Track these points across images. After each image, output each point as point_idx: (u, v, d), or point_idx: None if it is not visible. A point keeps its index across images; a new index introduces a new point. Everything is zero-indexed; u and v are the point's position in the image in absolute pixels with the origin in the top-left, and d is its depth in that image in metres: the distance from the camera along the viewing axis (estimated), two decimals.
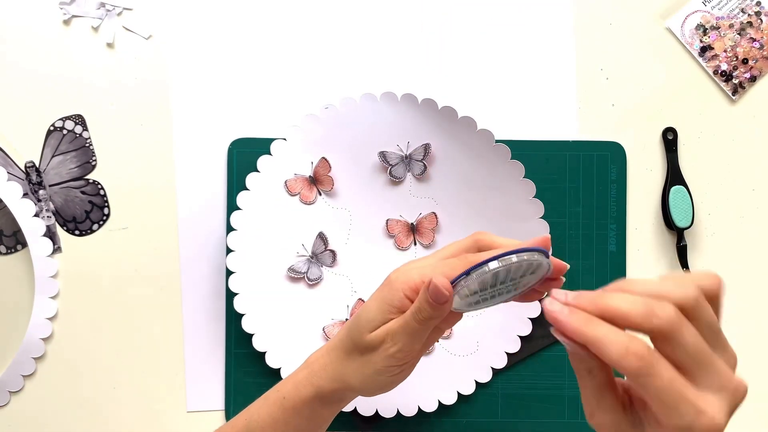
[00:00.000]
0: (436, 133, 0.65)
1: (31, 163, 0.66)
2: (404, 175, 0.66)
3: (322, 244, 0.66)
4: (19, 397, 0.66)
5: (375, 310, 0.47)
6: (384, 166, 0.66)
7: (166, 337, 0.67)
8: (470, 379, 0.65)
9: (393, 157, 0.66)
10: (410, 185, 0.67)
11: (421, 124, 0.65)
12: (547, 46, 0.68)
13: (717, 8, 0.68)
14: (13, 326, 0.66)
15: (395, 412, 0.64)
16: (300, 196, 0.66)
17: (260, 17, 0.67)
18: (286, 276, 0.66)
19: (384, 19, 0.68)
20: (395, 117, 0.65)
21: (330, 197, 0.67)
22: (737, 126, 0.68)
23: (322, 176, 0.66)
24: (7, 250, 0.67)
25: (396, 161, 0.66)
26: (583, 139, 0.67)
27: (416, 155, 0.66)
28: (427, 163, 0.66)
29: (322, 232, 0.66)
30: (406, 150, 0.66)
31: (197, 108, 0.67)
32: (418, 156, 0.66)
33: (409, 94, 0.64)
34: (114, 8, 0.67)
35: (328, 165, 0.66)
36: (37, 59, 0.66)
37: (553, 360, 0.66)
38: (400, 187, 0.67)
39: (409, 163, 0.66)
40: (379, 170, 0.67)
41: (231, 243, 0.64)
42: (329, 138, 0.65)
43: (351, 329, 0.49)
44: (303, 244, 0.66)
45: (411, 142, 0.66)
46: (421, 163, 0.66)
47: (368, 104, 0.64)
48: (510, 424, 0.66)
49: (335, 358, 0.50)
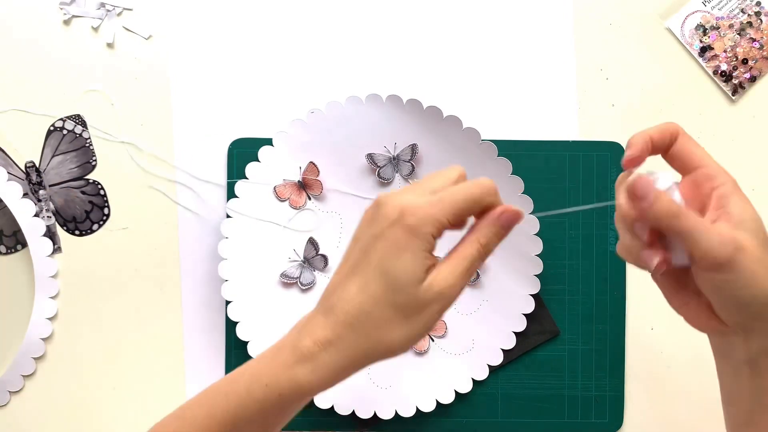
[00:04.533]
0: (423, 133, 0.65)
1: (31, 163, 0.67)
2: (393, 176, 0.67)
3: (313, 249, 0.66)
4: (19, 397, 0.66)
5: (409, 259, 0.42)
6: (372, 168, 0.66)
7: (166, 337, 0.67)
8: (467, 377, 0.65)
9: (381, 158, 0.66)
10: (399, 186, 0.67)
11: (408, 124, 0.65)
12: (547, 46, 0.68)
13: (717, 8, 0.67)
14: (13, 326, 0.66)
15: (393, 413, 0.64)
16: (289, 201, 0.66)
17: (260, 16, 0.67)
18: (278, 282, 0.66)
19: (384, 20, 0.68)
20: (381, 118, 0.65)
21: (320, 201, 0.67)
22: (737, 126, 0.67)
23: (311, 181, 0.66)
24: (7, 250, 0.67)
25: (384, 163, 0.66)
26: (583, 139, 0.67)
27: (404, 156, 0.66)
28: (414, 163, 0.66)
29: (312, 237, 0.66)
30: (393, 151, 0.66)
31: (197, 108, 0.67)
32: (405, 157, 0.66)
33: (395, 95, 0.64)
34: (114, 8, 0.67)
35: (317, 169, 0.66)
36: (37, 59, 0.67)
37: (553, 360, 0.66)
38: (389, 188, 0.67)
39: (397, 164, 0.66)
40: (368, 172, 0.67)
41: (222, 251, 0.64)
42: (316, 142, 0.66)
43: (386, 292, 0.42)
44: (294, 249, 0.66)
45: (398, 143, 0.66)
46: (408, 163, 0.66)
47: (354, 107, 0.65)
48: (510, 424, 0.66)
49: (355, 335, 0.43)
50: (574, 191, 0.67)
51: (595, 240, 0.67)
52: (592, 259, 0.67)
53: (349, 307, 0.43)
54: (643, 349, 0.67)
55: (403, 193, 0.44)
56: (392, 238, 0.42)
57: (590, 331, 0.67)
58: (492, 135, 0.67)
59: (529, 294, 0.65)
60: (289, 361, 0.44)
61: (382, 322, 0.43)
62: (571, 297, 0.66)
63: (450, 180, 0.45)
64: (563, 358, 0.66)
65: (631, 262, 0.45)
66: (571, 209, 0.50)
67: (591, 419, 0.66)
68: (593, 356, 0.66)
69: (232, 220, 0.65)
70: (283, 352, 0.45)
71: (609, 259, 0.67)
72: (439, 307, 0.43)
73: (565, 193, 0.67)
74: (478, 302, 0.66)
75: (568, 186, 0.67)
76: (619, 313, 0.66)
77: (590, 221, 0.67)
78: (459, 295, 0.44)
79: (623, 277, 0.67)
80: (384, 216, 0.43)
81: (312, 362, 0.44)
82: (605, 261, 0.67)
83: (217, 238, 0.66)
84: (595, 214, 0.67)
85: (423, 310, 0.43)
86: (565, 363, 0.66)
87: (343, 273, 0.45)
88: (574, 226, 0.67)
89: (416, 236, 0.42)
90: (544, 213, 0.50)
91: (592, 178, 0.67)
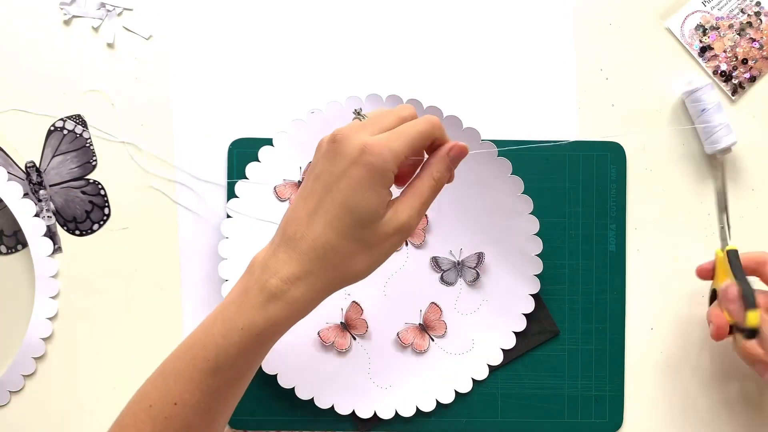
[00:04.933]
0: None
1: (31, 163, 0.67)
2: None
3: None
4: (19, 397, 0.66)
5: (373, 196, 0.45)
6: None
7: (166, 337, 0.67)
8: (467, 377, 0.65)
9: None
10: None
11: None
12: (547, 47, 0.68)
13: (717, 8, 0.68)
14: (13, 326, 0.66)
15: (393, 413, 0.64)
16: (290, 201, 0.66)
17: (260, 15, 0.67)
18: None
19: (384, 20, 0.68)
20: None
21: None
22: (737, 126, 0.67)
23: None
24: (8, 250, 0.67)
25: None
26: (583, 140, 0.67)
27: None
28: None
29: None
30: None
31: (197, 108, 0.67)
32: None
33: (395, 95, 0.64)
34: (114, 8, 0.67)
35: None
36: (37, 59, 0.67)
37: (553, 360, 0.66)
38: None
39: None
40: None
41: (222, 251, 0.64)
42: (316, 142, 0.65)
43: (352, 228, 0.45)
44: None
45: None
46: None
47: (353, 107, 0.65)
48: (510, 424, 0.66)
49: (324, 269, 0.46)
50: (574, 191, 0.67)
51: (595, 240, 0.67)
52: (592, 259, 0.67)
53: (316, 244, 0.46)
54: (643, 349, 0.67)
55: (359, 130, 0.46)
56: (355, 176, 0.45)
57: (590, 331, 0.67)
58: (492, 135, 0.67)
59: (529, 294, 0.65)
60: (259, 301, 0.46)
61: (348, 254, 0.46)
62: (571, 297, 0.66)
63: (402, 118, 0.48)
64: (563, 357, 0.66)
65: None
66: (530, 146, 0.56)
67: (591, 419, 0.66)
68: (593, 356, 0.66)
69: (232, 220, 0.65)
70: (251, 293, 0.47)
71: (609, 259, 0.67)
72: (399, 238, 0.47)
73: (565, 193, 0.67)
74: (478, 302, 0.66)
75: (568, 186, 0.67)
76: (619, 313, 0.67)
77: (590, 221, 0.67)
78: (417, 226, 0.48)
79: (623, 277, 0.67)
80: (345, 154, 0.45)
81: (282, 299, 0.46)
82: (605, 261, 0.67)
83: (217, 238, 0.66)
84: (595, 214, 0.67)
85: (385, 242, 0.47)
86: (565, 363, 0.66)
87: (305, 209, 0.47)
88: (574, 226, 0.67)
89: (378, 174, 0.45)
90: (507, 149, 0.60)
91: (592, 178, 0.67)
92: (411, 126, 0.47)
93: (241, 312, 0.47)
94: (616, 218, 0.67)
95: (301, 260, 0.46)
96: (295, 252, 0.46)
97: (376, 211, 0.46)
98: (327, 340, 0.65)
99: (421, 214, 0.48)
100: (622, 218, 0.67)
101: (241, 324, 0.46)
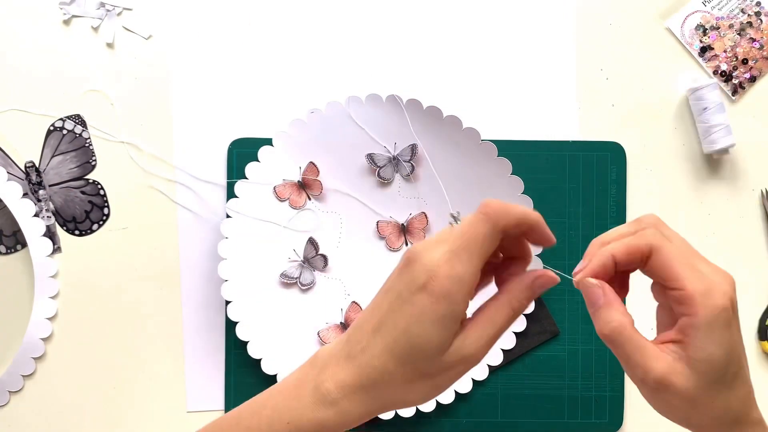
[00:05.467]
0: (423, 133, 0.65)
1: (31, 163, 0.67)
2: (392, 176, 0.67)
3: (312, 249, 0.66)
4: (19, 397, 0.66)
5: (439, 334, 0.41)
6: (372, 168, 0.67)
7: (166, 337, 0.67)
8: (467, 377, 0.65)
9: (381, 158, 0.66)
10: (399, 186, 0.67)
11: (408, 124, 0.65)
12: (548, 47, 0.68)
13: (717, 8, 0.67)
14: (13, 326, 0.66)
15: (393, 413, 0.64)
16: (289, 201, 0.66)
17: (260, 16, 0.67)
18: (278, 282, 0.66)
19: (384, 20, 0.68)
20: (381, 119, 0.65)
21: (319, 201, 0.67)
22: (737, 126, 0.67)
23: (311, 181, 0.66)
24: (7, 250, 0.67)
25: (384, 163, 0.66)
26: (583, 139, 0.67)
27: (403, 156, 0.66)
28: (414, 163, 0.66)
29: (312, 237, 0.66)
30: (393, 151, 0.66)
31: (197, 108, 0.67)
32: (405, 157, 0.66)
33: (395, 95, 0.64)
34: (114, 8, 0.67)
35: (316, 169, 0.66)
36: (37, 59, 0.67)
37: (553, 360, 0.66)
38: (388, 188, 0.67)
39: (396, 164, 0.66)
40: (367, 172, 0.67)
41: (222, 251, 0.64)
42: (316, 142, 0.66)
43: (411, 357, 0.42)
44: (294, 249, 0.66)
45: (398, 143, 0.66)
46: (408, 163, 0.66)
47: (354, 107, 0.65)
48: (510, 424, 0.66)
49: (378, 390, 0.43)
50: (574, 191, 0.67)
51: None
52: None
53: (374, 363, 0.43)
54: None
55: (436, 246, 0.42)
56: (420, 306, 0.41)
57: (590, 331, 0.66)
58: (492, 135, 0.67)
59: None
60: (310, 401, 0.44)
61: (405, 381, 0.42)
62: (571, 297, 0.66)
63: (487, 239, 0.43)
64: (563, 358, 0.66)
65: None
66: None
67: (591, 419, 0.66)
68: (593, 356, 0.66)
69: (232, 220, 0.65)
70: (305, 389, 0.44)
71: None
72: (462, 369, 0.43)
73: (565, 193, 0.67)
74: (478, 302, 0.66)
75: (568, 186, 0.67)
76: None
77: (590, 221, 0.67)
78: (484, 357, 0.43)
79: None
80: (412, 278, 0.41)
81: (334, 407, 0.43)
82: None
83: (217, 238, 0.66)
84: (595, 214, 0.67)
85: (447, 371, 0.42)
86: (565, 363, 0.66)
87: (370, 322, 0.44)
88: (574, 226, 0.67)
89: (448, 304, 0.41)
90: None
91: (592, 178, 0.67)
92: (468, 228, 0.43)
93: (291, 406, 0.45)
94: (616, 218, 0.67)
95: (360, 374, 0.43)
96: (355, 363, 0.43)
97: (439, 345, 0.41)
98: (327, 341, 0.65)
99: (491, 345, 0.43)
100: (622, 218, 0.67)
101: (287, 418, 0.44)
